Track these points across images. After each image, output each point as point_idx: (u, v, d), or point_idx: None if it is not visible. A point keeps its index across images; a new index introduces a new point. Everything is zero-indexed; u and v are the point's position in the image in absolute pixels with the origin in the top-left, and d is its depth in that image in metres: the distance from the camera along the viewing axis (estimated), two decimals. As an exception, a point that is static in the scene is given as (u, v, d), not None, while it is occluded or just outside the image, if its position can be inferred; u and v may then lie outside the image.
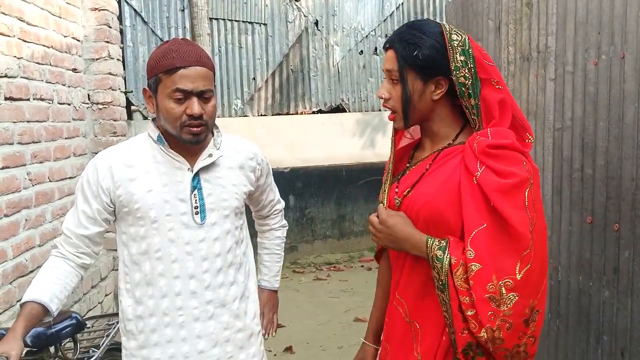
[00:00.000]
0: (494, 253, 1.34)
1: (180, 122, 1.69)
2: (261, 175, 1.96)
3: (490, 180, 1.35)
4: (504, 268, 1.33)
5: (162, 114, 1.72)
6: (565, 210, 2.64)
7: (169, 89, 1.67)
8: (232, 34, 6.70)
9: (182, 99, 1.68)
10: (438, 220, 1.44)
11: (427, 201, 1.45)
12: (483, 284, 1.33)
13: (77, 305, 3.49)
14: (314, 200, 6.95)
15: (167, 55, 1.69)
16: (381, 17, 7.36)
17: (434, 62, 1.43)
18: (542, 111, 2.81)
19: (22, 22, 3.14)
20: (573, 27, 2.56)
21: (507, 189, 1.35)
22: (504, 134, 1.41)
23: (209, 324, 1.80)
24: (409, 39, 1.45)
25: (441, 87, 1.46)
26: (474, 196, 1.37)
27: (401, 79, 1.46)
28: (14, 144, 3.01)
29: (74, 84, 3.84)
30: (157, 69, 1.69)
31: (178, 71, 1.67)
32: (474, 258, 1.34)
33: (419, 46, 1.43)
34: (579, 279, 2.57)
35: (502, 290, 1.32)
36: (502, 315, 1.33)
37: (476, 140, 1.40)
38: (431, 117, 1.51)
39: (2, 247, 2.86)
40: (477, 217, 1.36)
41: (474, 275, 1.34)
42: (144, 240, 1.76)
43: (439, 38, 1.44)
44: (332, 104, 7.25)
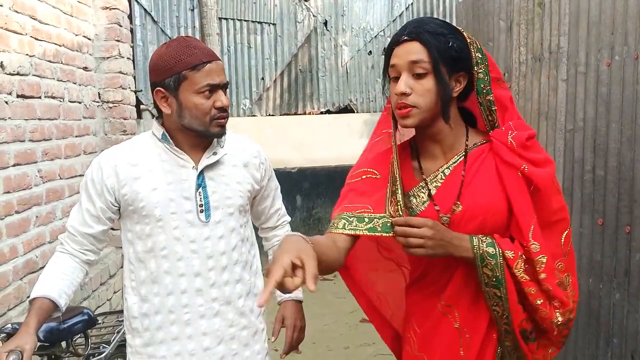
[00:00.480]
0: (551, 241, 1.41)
1: (209, 116, 1.71)
2: (265, 175, 1.96)
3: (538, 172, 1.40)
4: (555, 252, 1.41)
5: (188, 111, 1.71)
6: (576, 212, 2.63)
7: (199, 85, 1.68)
8: (241, 33, 6.71)
9: (210, 93, 1.69)
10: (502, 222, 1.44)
11: (490, 208, 1.42)
12: (553, 273, 1.40)
13: (86, 302, 3.51)
14: (321, 200, 6.95)
15: (189, 52, 1.69)
16: (390, 18, 7.35)
17: (461, 56, 1.40)
18: (554, 112, 2.80)
19: (34, 21, 3.16)
20: (586, 28, 2.55)
21: (552, 176, 1.42)
22: (524, 124, 1.47)
23: (214, 322, 1.81)
24: (437, 30, 1.37)
25: (460, 84, 1.44)
26: (521, 190, 1.40)
27: (437, 72, 1.37)
28: (25, 141, 3.03)
29: (84, 82, 3.86)
30: (180, 66, 1.68)
31: (205, 66, 1.68)
32: (540, 251, 1.39)
33: (453, 38, 1.39)
34: (589, 282, 2.55)
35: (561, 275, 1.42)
36: (570, 297, 1.43)
37: (510, 136, 1.41)
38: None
39: (13, 244, 2.87)
40: (529, 210, 1.40)
41: (546, 267, 1.39)
42: (150, 238, 1.77)
43: (459, 33, 1.43)
44: (340, 104, 7.24)
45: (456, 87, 1.42)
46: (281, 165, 6.64)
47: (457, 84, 1.43)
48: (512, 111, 1.48)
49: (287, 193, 6.86)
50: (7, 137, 2.83)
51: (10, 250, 2.83)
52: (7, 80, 2.84)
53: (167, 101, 1.73)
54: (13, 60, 2.91)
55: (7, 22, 2.85)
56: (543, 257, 1.38)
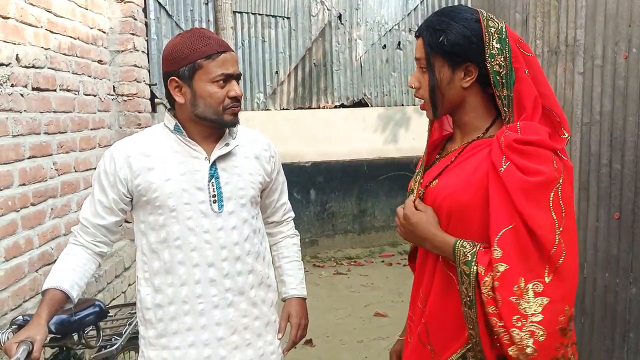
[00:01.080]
0: (521, 254, 1.27)
1: (223, 105, 1.74)
2: (275, 168, 1.97)
3: (514, 176, 1.29)
4: (532, 270, 1.26)
5: (202, 99, 1.73)
6: (592, 205, 2.60)
7: (213, 74, 1.71)
8: (256, 27, 6.71)
9: (224, 83, 1.72)
10: (460, 213, 1.39)
11: (449, 193, 1.41)
12: (509, 286, 1.26)
13: (100, 295, 3.54)
14: (335, 194, 6.95)
15: (203, 41, 1.71)
16: (405, 11, 7.31)
17: (462, 48, 1.39)
18: (570, 105, 2.76)
19: (49, 14, 3.18)
20: (603, 20, 2.51)
21: (531, 187, 1.29)
22: (534, 129, 1.35)
23: (228, 312, 1.82)
24: (435, 25, 1.42)
25: (470, 74, 1.42)
26: (501, 193, 1.31)
27: (428, 66, 1.44)
28: (40, 134, 3.05)
29: (99, 75, 3.88)
30: (195, 55, 1.70)
31: (220, 56, 1.71)
32: (500, 258, 1.27)
33: (445, 32, 1.40)
34: (606, 276, 2.52)
35: (529, 293, 1.25)
36: (530, 321, 1.25)
37: (504, 134, 1.35)
38: (462, 106, 1.46)
39: (28, 236, 2.90)
40: (504, 215, 1.29)
41: (500, 276, 1.27)
42: (163, 229, 1.77)
43: (471, 24, 1.40)
44: (355, 98, 7.22)
45: (466, 77, 1.42)
46: (295, 160, 6.64)
47: (467, 75, 1.42)
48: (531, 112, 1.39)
49: (301, 187, 6.95)
50: (22, 129, 2.85)
51: (25, 242, 2.86)
52: (22, 73, 2.87)
53: (181, 90, 1.75)
54: (28, 53, 2.93)
55: (22, 14, 2.87)
56: (501, 265, 1.27)
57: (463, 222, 1.40)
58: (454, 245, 1.37)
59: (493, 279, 1.28)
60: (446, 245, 1.39)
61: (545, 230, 1.27)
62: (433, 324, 1.46)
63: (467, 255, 1.34)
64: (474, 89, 1.44)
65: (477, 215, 1.37)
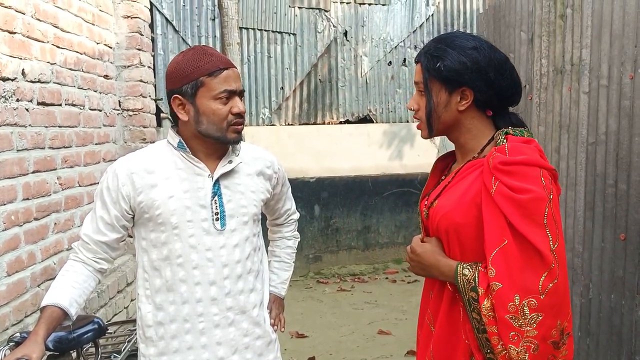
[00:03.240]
0: (515, 272, 1.30)
1: (226, 122, 1.73)
2: (277, 183, 1.98)
3: (505, 196, 1.32)
4: (527, 287, 1.29)
5: (205, 117, 1.73)
6: (598, 226, 2.58)
7: (216, 90, 1.71)
8: (262, 43, 6.74)
9: (227, 99, 1.72)
10: (456, 233, 1.43)
11: (445, 213, 1.45)
12: (504, 304, 1.30)
13: (102, 310, 3.52)
14: (339, 210, 6.93)
15: (206, 59, 1.72)
16: (410, 28, 7.34)
17: (457, 74, 1.44)
18: (576, 125, 2.75)
19: (56, 29, 3.20)
20: (608, 40, 2.51)
21: (524, 204, 1.31)
22: (521, 149, 1.38)
23: (229, 331, 1.80)
24: (433, 52, 1.48)
25: (466, 98, 1.46)
26: (493, 213, 1.34)
27: (426, 90, 1.49)
28: (45, 148, 3.06)
29: (105, 90, 3.90)
30: (197, 73, 1.71)
31: (222, 72, 1.72)
32: (495, 277, 1.31)
33: (442, 59, 1.46)
34: (611, 297, 2.49)
35: (524, 310, 1.28)
36: (525, 336, 1.29)
37: (492, 156, 1.38)
38: (457, 128, 1.51)
39: (31, 250, 2.90)
40: (497, 233, 1.33)
41: (495, 294, 1.31)
42: (165, 246, 1.76)
43: (466, 50, 1.44)
44: (360, 114, 7.23)
45: (462, 101, 1.47)
46: (300, 175, 6.64)
47: (463, 99, 1.47)
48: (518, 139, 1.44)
49: (306, 202, 6.92)
50: (27, 144, 2.86)
51: (28, 257, 2.86)
52: (28, 87, 2.88)
53: (184, 108, 1.75)
54: (34, 68, 2.95)
55: (29, 30, 2.89)
56: (496, 284, 1.30)
57: (460, 241, 1.43)
58: (456, 272, 1.40)
59: (490, 299, 1.32)
60: (451, 270, 1.42)
61: (544, 245, 1.30)
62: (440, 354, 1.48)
63: (470, 282, 1.37)
64: (470, 111, 1.48)
65: (472, 233, 1.40)
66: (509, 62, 1.48)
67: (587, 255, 2.66)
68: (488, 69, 1.43)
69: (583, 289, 2.69)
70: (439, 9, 7.42)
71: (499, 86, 1.45)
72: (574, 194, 2.77)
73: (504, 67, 1.46)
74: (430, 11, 7.39)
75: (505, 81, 1.46)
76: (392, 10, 7.26)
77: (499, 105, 1.49)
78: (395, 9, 7.27)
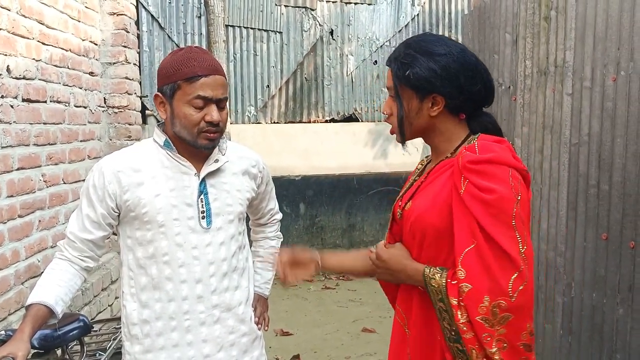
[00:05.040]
0: (485, 273, 1.29)
1: (198, 129, 1.73)
2: (262, 183, 2.00)
3: (474, 196, 1.32)
4: (496, 289, 1.27)
5: (178, 120, 1.74)
6: (580, 226, 2.62)
7: (190, 96, 1.70)
8: (248, 41, 6.73)
9: (202, 106, 1.71)
10: (430, 234, 1.41)
11: (418, 214, 1.44)
12: (475, 305, 1.29)
13: (87, 308, 3.50)
14: (324, 208, 6.94)
15: (188, 63, 1.71)
16: (396, 28, 7.37)
17: (427, 82, 1.43)
18: (559, 126, 2.80)
19: (41, 25, 3.17)
20: (592, 43, 2.55)
21: (492, 204, 1.30)
22: (490, 147, 1.38)
23: (214, 328, 1.82)
24: (402, 58, 1.46)
25: (438, 104, 1.45)
26: (463, 213, 1.33)
27: (397, 97, 1.48)
28: (30, 145, 3.04)
29: (90, 87, 3.87)
30: (177, 76, 1.71)
31: (200, 79, 1.70)
32: (464, 278, 1.30)
33: (411, 66, 1.44)
34: (593, 296, 2.54)
35: (495, 311, 1.28)
36: (497, 335, 1.28)
37: (461, 155, 1.38)
38: (430, 131, 1.50)
39: (15, 248, 2.87)
40: (467, 234, 1.32)
41: (465, 296, 1.29)
42: (151, 244, 1.77)
43: (437, 58, 1.42)
44: (345, 113, 7.25)
45: (433, 108, 1.46)
46: (285, 173, 6.64)
47: (434, 105, 1.46)
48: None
49: (291, 201, 6.93)
50: (11, 141, 2.83)
51: (12, 254, 2.83)
52: (13, 84, 2.86)
53: (164, 107, 1.77)
54: (19, 64, 2.92)
55: (14, 26, 2.87)
56: (466, 285, 1.29)
57: (435, 243, 1.42)
58: (424, 276, 1.40)
59: (459, 301, 1.31)
60: (419, 274, 1.41)
61: (512, 246, 1.29)
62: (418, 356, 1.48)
63: (439, 292, 1.36)
64: (443, 116, 1.47)
65: (447, 234, 1.38)
66: (480, 65, 1.46)
67: (570, 255, 2.70)
68: (459, 74, 1.41)
69: (565, 288, 2.74)
70: (424, 9, 7.46)
71: (470, 91, 1.43)
72: (556, 194, 2.81)
73: (474, 71, 1.44)
74: (416, 11, 7.42)
75: (477, 85, 1.44)
76: (378, 9, 7.28)
77: (472, 108, 1.48)
78: (381, 8, 7.29)
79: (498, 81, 3.52)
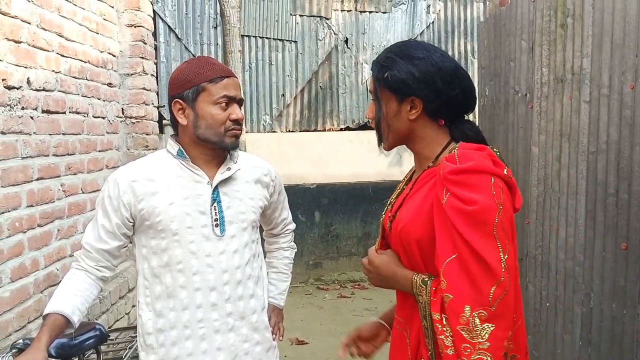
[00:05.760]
0: (465, 283, 1.28)
1: (224, 127, 1.78)
2: (274, 192, 2.02)
3: (455, 207, 1.31)
4: (476, 299, 1.26)
5: (204, 121, 1.77)
6: (599, 235, 2.59)
7: (216, 96, 1.76)
8: (263, 51, 6.77)
9: (226, 105, 1.78)
10: (415, 245, 1.41)
11: (404, 225, 1.44)
12: (456, 315, 1.28)
13: (104, 316, 3.53)
14: (339, 217, 6.94)
15: (207, 67, 1.78)
16: (411, 35, 7.37)
17: (405, 84, 1.44)
18: (576, 134, 2.77)
19: (60, 38, 3.22)
20: (609, 49, 2.52)
21: (473, 216, 1.29)
22: (470, 155, 1.37)
23: (229, 337, 1.82)
24: (383, 61, 1.49)
25: (416, 107, 1.46)
26: (444, 224, 1.32)
27: (376, 99, 1.51)
28: (49, 155, 3.08)
29: (108, 98, 3.92)
30: (199, 79, 1.77)
31: (223, 80, 1.78)
32: (446, 288, 1.29)
33: (390, 68, 1.46)
34: (612, 307, 2.50)
35: (475, 321, 1.26)
36: (477, 349, 1.26)
37: (442, 165, 1.37)
38: (411, 137, 1.51)
39: (34, 257, 2.91)
40: (448, 245, 1.31)
41: (447, 307, 1.29)
42: (165, 253, 1.79)
43: (416, 61, 1.44)
44: (360, 121, 7.25)
45: (411, 111, 1.47)
46: (300, 181, 6.65)
47: (413, 108, 1.47)
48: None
49: (306, 209, 6.93)
50: (31, 151, 2.88)
51: (31, 263, 2.87)
52: (32, 96, 2.90)
53: (184, 112, 1.80)
54: (39, 76, 2.97)
55: (34, 39, 2.92)
56: (447, 295, 1.29)
57: (421, 253, 1.42)
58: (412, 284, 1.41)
59: (442, 313, 1.31)
60: (407, 281, 1.43)
61: (492, 257, 1.28)
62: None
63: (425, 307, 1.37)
64: (422, 120, 1.48)
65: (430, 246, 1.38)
66: (460, 71, 1.47)
67: (588, 265, 2.67)
68: (436, 78, 1.42)
69: (584, 298, 2.71)
70: (439, 16, 7.46)
71: (447, 95, 1.43)
72: (574, 202, 2.79)
73: (453, 76, 1.44)
74: (431, 19, 7.42)
75: (454, 90, 1.44)
76: (392, 17, 7.30)
77: (451, 113, 1.48)
78: (396, 16, 7.30)
79: (514, 88, 3.50)
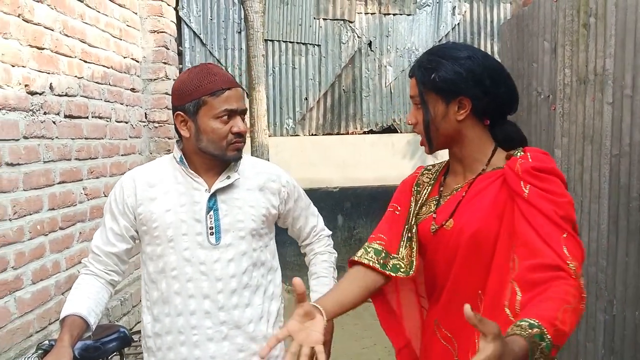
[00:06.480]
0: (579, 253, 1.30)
1: (226, 141, 1.75)
2: (288, 198, 1.94)
3: (543, 197, 1.32)
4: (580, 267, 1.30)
5: (205, 135, 1.75)
6: (622, 240, 2.52)
7: (217, 109, 1.72)
8: (287, 54, 6.80)
9: (228, 119, 1.74)
10: (486, 246, 1.40)
11: (478, 228, 1.40)
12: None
13: (125, 317, 3.57)
14: (362, 220, 6.91)
15: (208, 78, 1.74)
16: (436, 37, 7.31)
17: (453, 84, 1.43)
18: (599, 136, 2.71)
19: (83, 44, 3.28)
20: (632, 49, 2.46)
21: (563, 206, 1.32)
22: (544, 158, 1.40)
23: (223, 345, 1.80)
24: (426, 64, 1.48)
25: (464, 107, 1.45)
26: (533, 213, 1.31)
27: (422, 102, 1.49)
28: (71, 159, 3.13)
29: (131, 103, 3.98)
30: (200, 91, 1.73)
31: (224, 92, 1.73)
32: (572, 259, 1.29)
33: (436, 70, 1.45)
34: (636, 314, 2.43)
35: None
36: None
37: (518, 163, 1.38)
38: (459, 139, 1.49)
39: (56, 259, 2.96)
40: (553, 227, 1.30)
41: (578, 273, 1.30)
42: (161, 259, 1.79)
43: (461, 61, 1.44)
44: (384, 124, 7.22)
45: (460, 111, 1.46)
46: (323, 185, 6.65)
47: (461, 108, 1.45)
48: None
49: (329, 212, 6.90)
50: (53, 156, 2.93)
51: (53, 266, 2.92)
52: (55, 101, 2.96)
53: (186, 125, 1.77)
54: (62, 82, 3.02)
55: (57, 45, 2.97)
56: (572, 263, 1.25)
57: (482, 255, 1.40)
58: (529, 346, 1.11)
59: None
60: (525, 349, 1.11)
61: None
62: None
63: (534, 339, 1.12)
64: (470, 121, 1.47)
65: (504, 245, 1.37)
66: (504, 70, 1.48)
67: (611, 271, 2.60)
68: (483, 76, 1.43)
69: (607, 305, 2.64)
70: (465, 18, 7.39)
71: (495, 93, 1.44)
72: (597, 207, 2.72)
73: (499, 74, 1.46)
74: (457, 20, 7.35)
75: (502, 88, 1.45)
76: (417, 19, 7.25)
77: (497, 113, 1.48)
78: (421, 18, 7.26)
79: (537, 90, 3.44)
